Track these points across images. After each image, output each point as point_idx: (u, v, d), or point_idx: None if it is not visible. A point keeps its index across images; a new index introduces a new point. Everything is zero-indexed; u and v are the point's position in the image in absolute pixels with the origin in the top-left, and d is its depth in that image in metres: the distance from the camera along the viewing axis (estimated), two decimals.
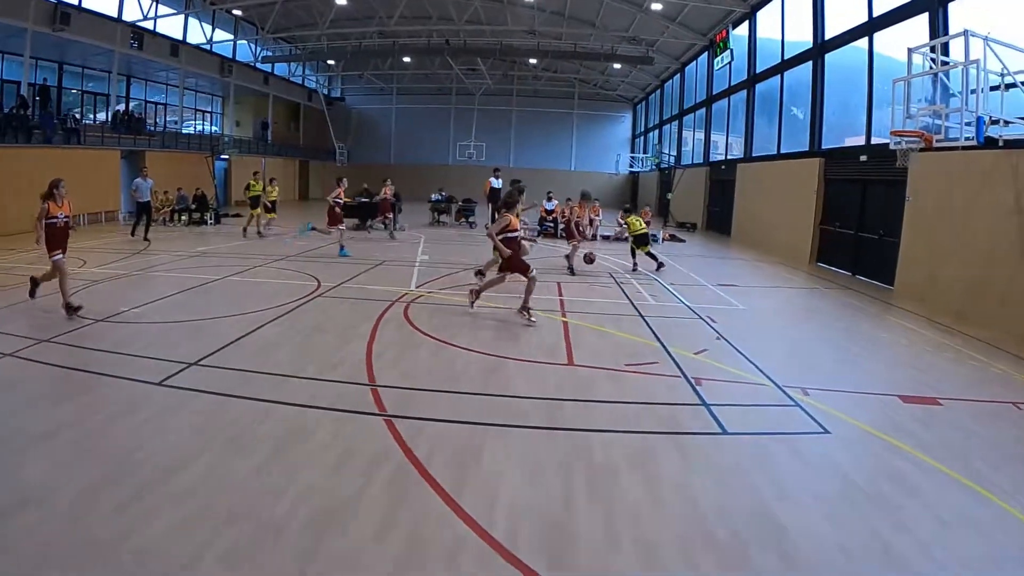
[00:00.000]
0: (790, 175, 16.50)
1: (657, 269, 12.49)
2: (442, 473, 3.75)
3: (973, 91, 8.46)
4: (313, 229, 14.54)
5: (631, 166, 36.78)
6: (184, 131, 27.98)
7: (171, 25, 24.89)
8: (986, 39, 8.74)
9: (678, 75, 28.59)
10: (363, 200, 19.80)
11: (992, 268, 9.44)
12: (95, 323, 6.95)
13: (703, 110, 24.88)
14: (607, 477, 3.88)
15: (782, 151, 18.03)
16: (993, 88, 9.74)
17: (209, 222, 19.14)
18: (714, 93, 23.51)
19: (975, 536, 3.46)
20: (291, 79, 35.01)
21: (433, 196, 21.88)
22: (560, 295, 9.82)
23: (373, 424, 4.45)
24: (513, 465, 3.94)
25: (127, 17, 21.78)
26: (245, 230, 16.33)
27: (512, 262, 7.84)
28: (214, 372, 5.42)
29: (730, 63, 21.00)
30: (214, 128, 31.47)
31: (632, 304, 9.09)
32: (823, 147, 15.61)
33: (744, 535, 3.32)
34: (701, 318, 8.48)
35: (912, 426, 4.99)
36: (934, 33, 11.73)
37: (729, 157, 22.12)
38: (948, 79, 9.29)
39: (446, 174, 34.51)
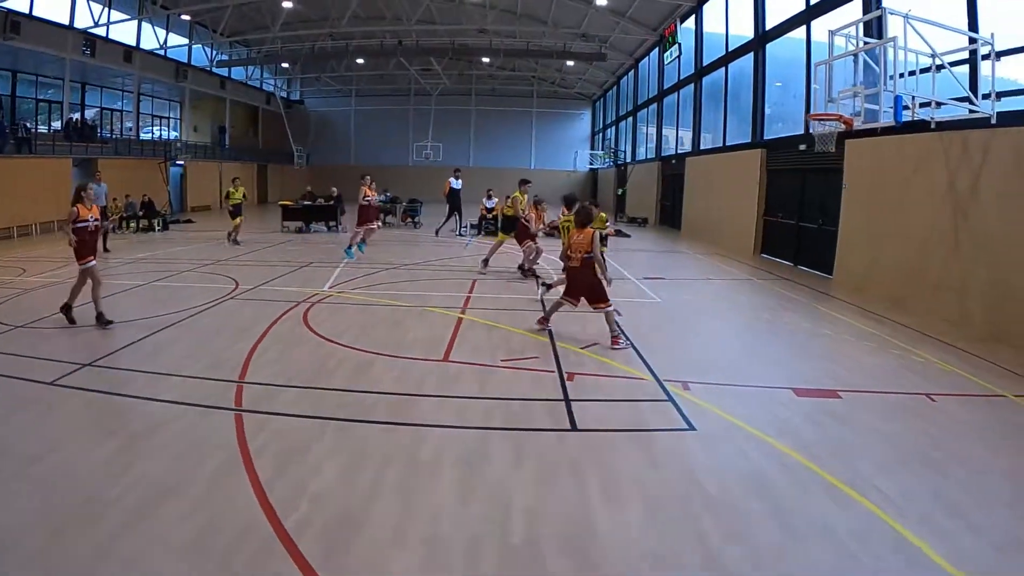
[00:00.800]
0: (735, 167, 16.26)
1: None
2: (265, 465, 3.76)
3: (903, 74, 8.21)
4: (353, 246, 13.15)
5: (591, 163, 36.54)
6: (144, 137, 27.61)
7: (125, 31, 24.38)
8: (906, 17, 8.46)
9: (632, 71, 28.37)
10: (307, 203, 19.52)
11: (927, 253, 9.19)
12: (13, 329, 6.91)
13: (655, 105, 24.65)
14: (425, 474, 3.72)
15: (728, 143, 17.80)
16: (924, 70, 9.53)
17: (157, 228, 18.84)
18: (665, 88, 23.27)
19: (823, 548, 3.04)
20: (249, 83, 34.40)
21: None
22: (471, 292, 9.47)
23: (224, 419, 4.47)
24: (335, 459, 3.88)
25: (79, 24, 21.29)
26: (233, 239, 15.22)
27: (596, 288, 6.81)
28: (104, 372, 5.52)
29: (679, 57, 20.75)
30: (174, 133, 30.89)
31: (540, 300, 8.67)
32: (765, 138, 15.36)
33: (546, 538, 3.06)
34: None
35: (797, 422, 4.60)
36: (885, 22, 11.52)
37: (679, 151, 21.88)
38: (876, 62, 8.98)
39: (405, 175, 34.04)
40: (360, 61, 32.10)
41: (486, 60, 29.59)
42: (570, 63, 29.69)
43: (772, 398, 5.14)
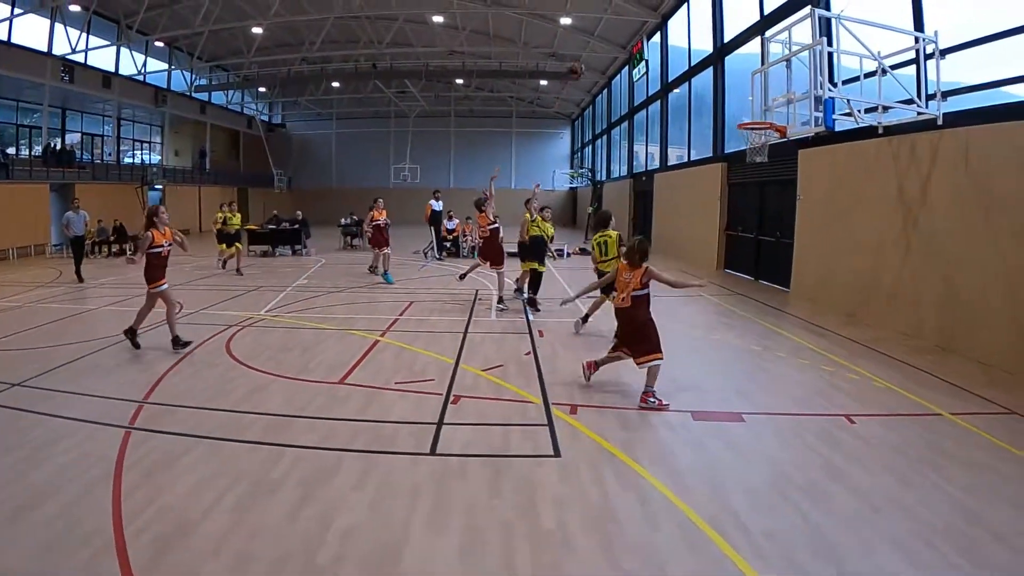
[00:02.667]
0: (697, 182, 15.97)
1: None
2: (131, 477, 3.85)
3: (851, 79, 7.84)
4: (376, 270, 12.98)
5: (571, 181, 36.31)
6: (125, 162, 27.70)
7: (104, 57, 24.53)
8: (837, 17, 8.15)
9: (605, 89, 28.30)
10: (272, 227, 19.42)
11: (880, 263, 8.87)
12: None
13: (627, 122, 24.47)
14: (265, 491, 3.68)
15: (692, 158, 17.51)
16: (870, 74, 9.21)
17: (128, 253, 18.48)
18: (635, 105, 23.10)
19: None
20: (229, 107, 34.44)
21: (343, 220, 21.02)
22: (401, 314, 9.12)
23: (114, 435, 4.53)
24: (192, 474, 3.90)
25: (57, 50, 21.41)
26: (238, 269, 14.11)
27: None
28: (29, 392, 5.59)
29: (646, 74, 20.58)
30: (156, 158, 30.82)
31: (466, 321, 8.29)
32: (726, 151, 15.04)
33: (351, 560, 3.01)
34: (530, 332, 7.74)
35: (679, 448, 4.17)
36: (815, 24, 11.26)
37: (649, 168, 21.60)
38: (825, 67, 8.61)
39: (386, 197, 33.65)
40: (336, 85, 32.09)
41: (460, 81, 29.51)
42: (543, 82, 29.65)
43: (665, 422, 4.75)
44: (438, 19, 22.89)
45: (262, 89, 34.38)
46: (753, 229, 13.31)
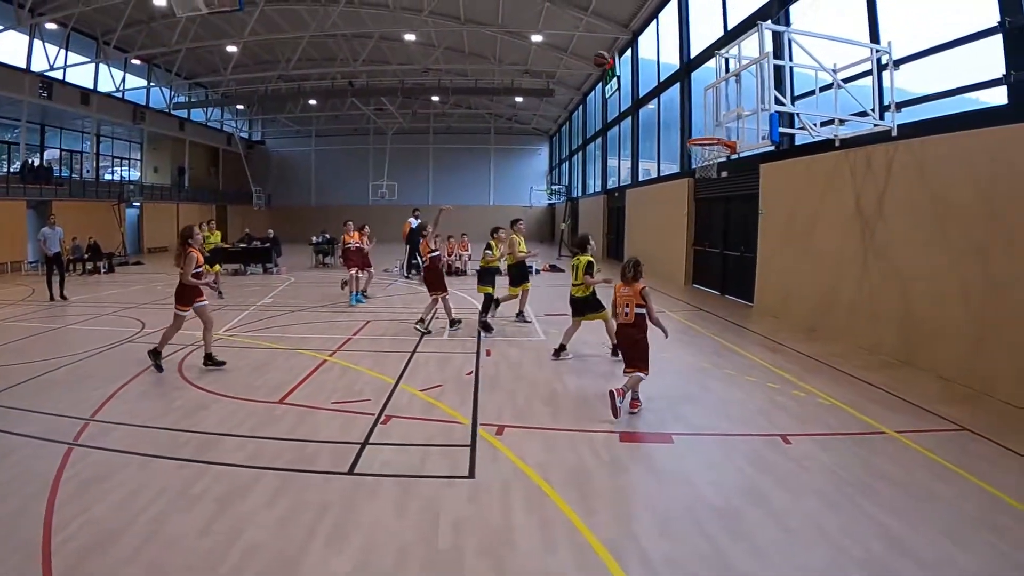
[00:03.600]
0: (666, 197, 15.96)
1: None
2: (66, 491, 3.94)
3: (808, 93, 7.77)
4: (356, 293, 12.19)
5: (549, 198, 36.35)
6: (106, 179, 27.77)
7: (83, 73, 24.56)
8: (787, 31, 8.15)
9: (581, 105, 28.44)
10: (243, 245, 19.27)
11: (840, 276, 8.81)
12: None
13: (601, 138, 24.55)
14: (183, 506, 3.76)
15: (661, 174, 17.52)
16: (824, 88, 9.19)
17: (103, 271, 18.80)
18: (608, 121, 23.21)
19: None
20: (209, 124, 34.36)
21: (314, 238, 20.81)
22: (355, 334, 9.01)
23: (57, 450, 4.61)
24: (122, 489, 3.97)
25: (36, 67, 21.43)
26: (219, 292, 13.22)
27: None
28: None
29: (618, 90, 20.66)
30: (135, 174, 30.86)
31: (416, 340, 8.28)
32: (692, 166, 15.01)
33: (250, 573, 3.08)
34: (477, 353, 7.63)
35: (596, 470, 4.08)
36: (777, 39, 11.31)
37: (621, 184, 21.62)
38: (770, 82, 8.56)
39: (364, 215, 33.45)
40: (313, 102, 32.02)
41: (436, 98, 29.53)
42: (519, 99, 29.74)
43: (590, 444, 4.61)
44: (410, 37, 22.91)
45: (240, 107, 34.25)
46: (719, 244, 13.26)
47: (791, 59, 10.36)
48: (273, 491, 3.92)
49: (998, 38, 6.40)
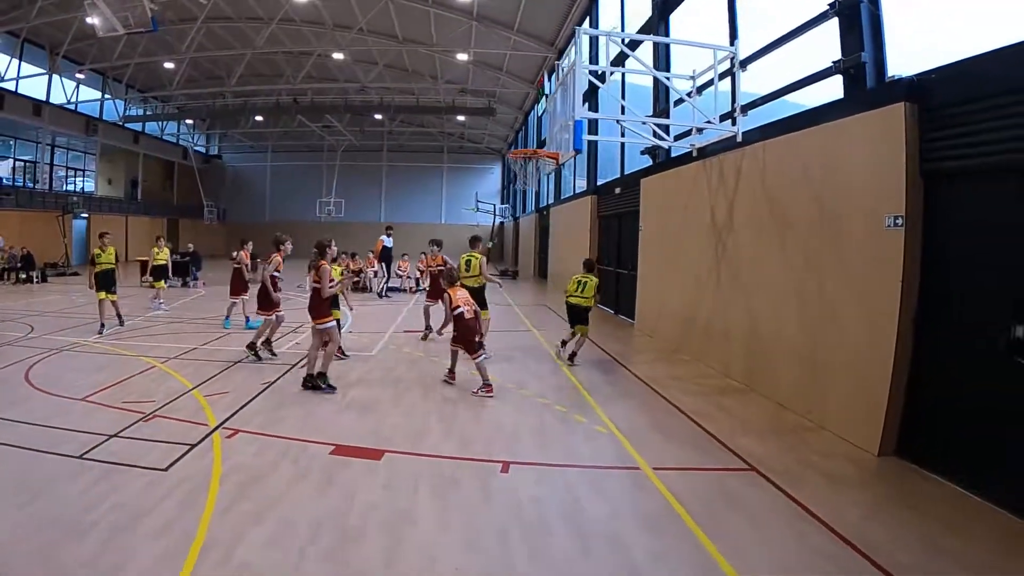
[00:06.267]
0: (576, 215, 15.75)
1: None
2: None
3: (686, 99, 7.41)
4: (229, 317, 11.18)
5: (498, 216, 36.09)
6: (65, 189, 27.84)
7: (36, 85, 24.58)
8: (609, 35, 7.86)
9: (523, 125, 28.35)
10: (186, 260, 19.25)
11: (700, 292, 8.43)
12: None
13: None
14: None
15: (576, 191, 17.29)
16: (678, 102, 8.92)
17: (35, 280, 18.88)
18: (542, 138, 23.02)
19: None
20: (164, 137, 34.17)
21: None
22: (204, 344, 9.04)
23: None
24: None
25: None
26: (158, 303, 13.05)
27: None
28: None
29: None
30: (90, 186, 30.66)
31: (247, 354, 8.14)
32: (599, 183, 14.80)
33: None
34: (295, 366, 7.58)
35: (269, 473, 4.14)
36: (655, 50, 11.16)
37: (549, 202, 21.40)
38: (577, 90, 8.09)
39: (309, 232, 33.03)
40: (259, 118, 31.75)
41: (378, 116, 29.34)
42: (462, 118, 29.64)
43: (304, 452, 4.71)
44: (339, 56, 22.83)
45: (188, 121, 34.04)
46: (613, 262, 12.95)
47: (669, 68, 10.21)
48: (20, 477, 4.06)
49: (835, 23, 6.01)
